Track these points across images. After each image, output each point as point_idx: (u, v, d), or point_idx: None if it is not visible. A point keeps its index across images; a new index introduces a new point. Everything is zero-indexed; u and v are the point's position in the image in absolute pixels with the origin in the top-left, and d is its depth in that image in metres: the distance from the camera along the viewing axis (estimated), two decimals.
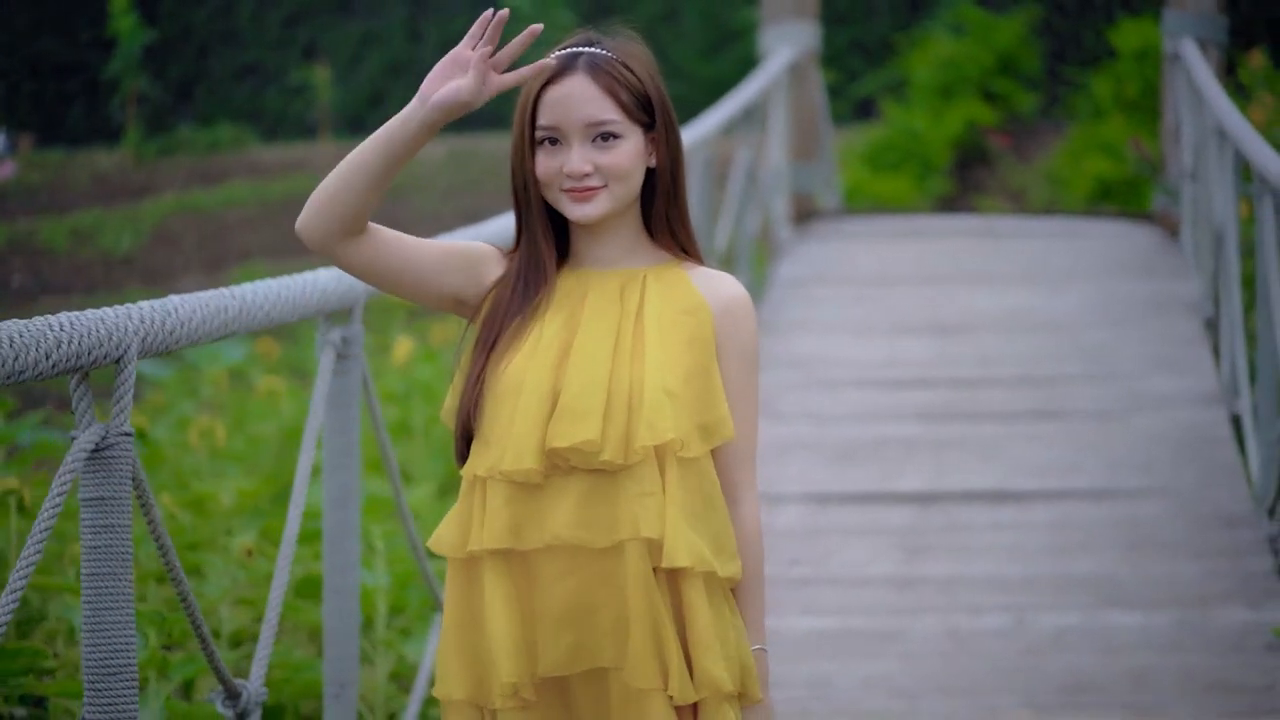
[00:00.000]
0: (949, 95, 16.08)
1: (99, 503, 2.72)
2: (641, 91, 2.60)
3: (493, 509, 2.56)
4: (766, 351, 8.28)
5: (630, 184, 2.60)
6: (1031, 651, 5.00)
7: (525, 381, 2.56)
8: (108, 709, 2.71)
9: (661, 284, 2.62)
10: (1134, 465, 6.55)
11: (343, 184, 2.54)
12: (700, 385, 2.58)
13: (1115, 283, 9.18)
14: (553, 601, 2.55)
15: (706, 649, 2.54)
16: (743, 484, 2.64)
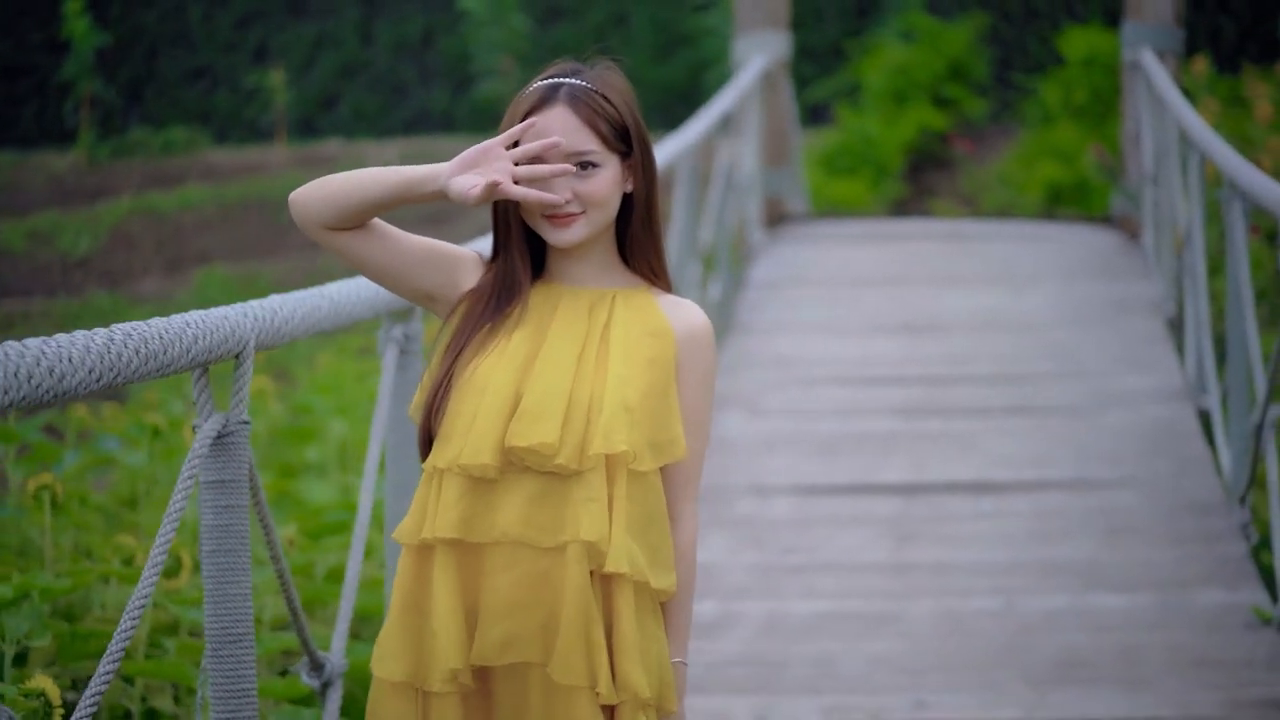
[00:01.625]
0: (901, 100, 16.36)
1: (220, 485, 2.97)
2: (619, 122, 2.70)
3: (447, 501, 2.64)
4: (746, 351, 8.59)
5: (608, 210, 2.70)
6: (1024, 631, 5.30)
7: (490, 383, 2.66)
8: (229, 673, 2.96)
9: (630, 306, 2.73)
10: (1107, 458, 6.87)
11: (347, 195, 2.67)
12: (657, 404, 2.68)
13: (1080, 284, 9.52)
14: (493, 594, 2.63)
15: (628, 655, 2.62)
16: (685, 503, 2.74)
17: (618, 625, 2.63)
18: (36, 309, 15.53)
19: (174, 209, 18.68)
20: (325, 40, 26.20)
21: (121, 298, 15.28)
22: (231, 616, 2.96)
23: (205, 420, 2.93)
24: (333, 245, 2.71)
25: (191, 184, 20.13)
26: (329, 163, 20.20)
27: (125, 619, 2.67)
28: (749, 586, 5.81)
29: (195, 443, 2.89)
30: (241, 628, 2.96)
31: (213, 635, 2.96)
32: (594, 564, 2.61)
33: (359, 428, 7.70)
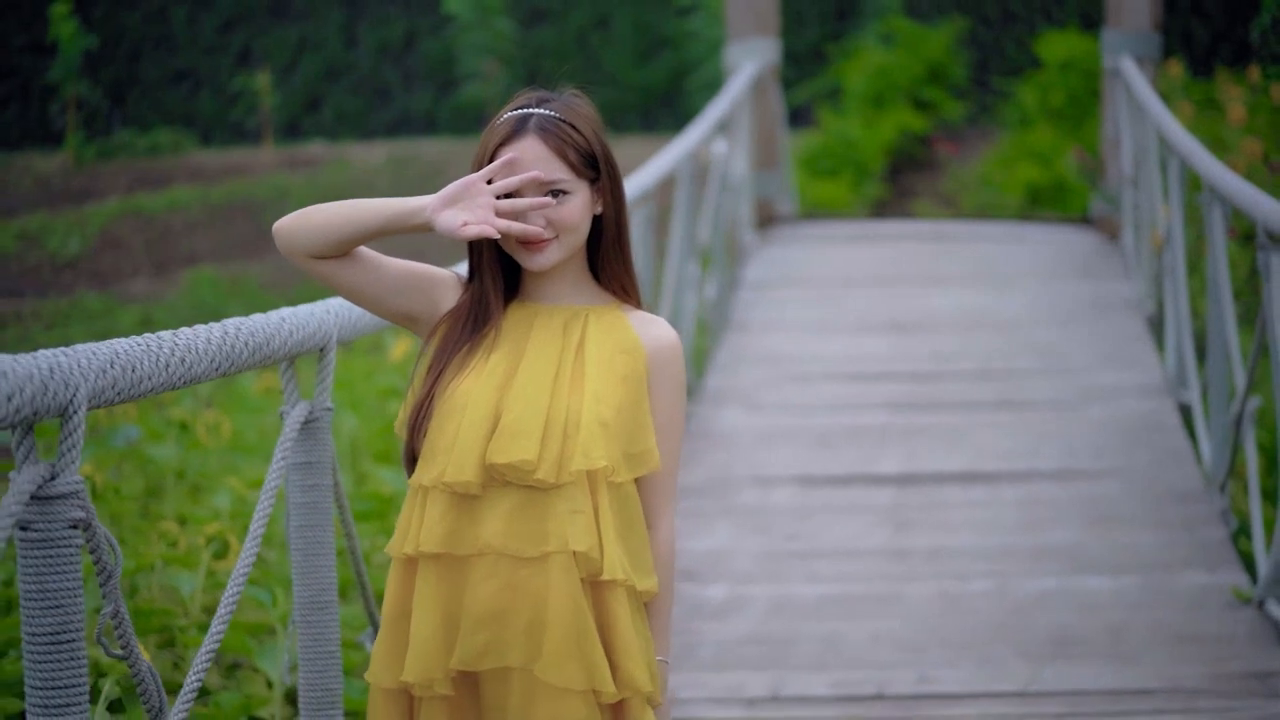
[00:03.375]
0: (881, 103, 16.62)
1: (307, 466, 3.28)
2: (587, 149, 2.79)
3: (433, 516, 2.74)
4: (742, 349, 8.91)
5: (578, 234, 2.80)
6: (1018, 611, 5.61)
7: (470, 401, 2.75)
8: (317, 637, 3.27)
9: (602, 323, 2.83)
10: (1091, 449, 7.20)
11: (333, 227, 2.74)
12: (631, 418, 2.78)
13: (1061, 283, 9.87)
14: (476, 603, 2.72)
15: (628, 653, 2.74)
16: (662, 509, 2.84)
17: (616, 627, 2.73)
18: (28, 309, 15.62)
19: (162, 210, 18.67)
20: (308, 43, 26.34)
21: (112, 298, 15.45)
22: (319, 585, 3.26)
23: (293, 407, 3.23)
24: (316, 271, 2.77)
25: (178, 186, 20.18)
26: (314, 164, 20.42)
27: (227, 595, 2.96)
28: (756, 571, 6.11)
29: (285, 427, 3.19)
30: (327, 596, 3.26)
31: (301, 602, 3.26)
32: (588, 573, 2.72)
33: (368, 423, 7.99)
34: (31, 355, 2.27)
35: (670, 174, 7.90)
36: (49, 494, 2.30)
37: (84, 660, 2.34)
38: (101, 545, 2.41)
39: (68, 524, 2.32)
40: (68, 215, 18.71)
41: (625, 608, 2.74)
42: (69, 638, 2.32)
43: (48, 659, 2.32)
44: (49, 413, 2.29)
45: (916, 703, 4.96)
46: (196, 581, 4.73)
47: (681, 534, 6.48)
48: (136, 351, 2.53)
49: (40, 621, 2.31)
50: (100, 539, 2.39)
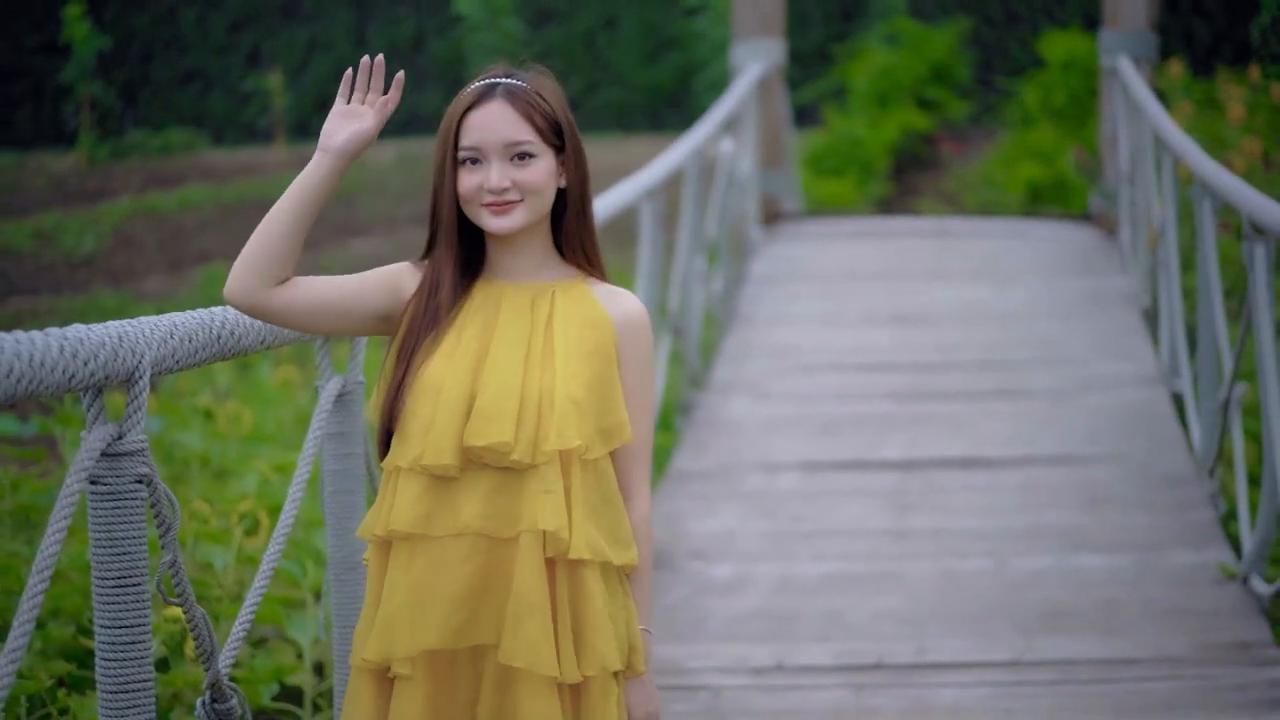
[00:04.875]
0: (885, 103, 16.82)
1: (341, 436, 3.51)
2: (553, 118, 2.80)
3: (408, 498, 2.75)
4: (748, 341, 9.15)
5: (544, 199, 2.80)
6: (1014, 588, 5.84)
7: (445, 383, 2.75)
8: (349, 595, 3.50)
9: (569, 298, 2.83)
10: (1087, 436, 7.43)
11: (261, 244, 2.73)
12: (602, 393, 2.79)
13: (1060, 278, 10.11)
14: (454, 583, 2.73)
15: (598, 630, 2.74)
16: (637, 481, 2.84)
17: (587, 605, 2.74)
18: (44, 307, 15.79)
19: (174, 209, 18.78)
20: (318, 43, 26.54)
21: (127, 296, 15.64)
22: (351, 547, 3.49)
23: (327, 381, 3.46)
24: (279, 313, 2.74)
25: (191, 185, 20.32)
26: None
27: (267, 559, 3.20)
28: (762, 551, 6.34)
29: (320, 400, 3.43)
30: (357, 557, 3.49)
31: (334, 562, 3.50)
32: (556, 551, 2.73)
33: None
34: (103, 325, 2.50)
35: (677, 171, 8.14)
36: (117, 451, 2.53)
37: (148, 602, 2.57)
38: (161, 500, 2.63)
39: (133, 479, 2.54)
40: (82, 214, 18.84)
41: (599, 584, 2.75)
42: (134, 581, 2.55)
43: (115, 601, 2.55)
44: (118, 377, 2.51)
45: (915, 671, 5.19)
46: (229, 556, 4.95)
47: (690, 516, 6.72)
48: (192, 324, 2.76)
49: (109, 567, 2.54)
50: (161, 494, 2.62)
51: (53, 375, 2.31)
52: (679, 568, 6.17)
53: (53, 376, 2.31)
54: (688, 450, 7.62)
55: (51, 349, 2.32)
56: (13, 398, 2.21)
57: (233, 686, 2.95)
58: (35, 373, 2.26)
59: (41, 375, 2.28)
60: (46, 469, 6.90)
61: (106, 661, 2.55)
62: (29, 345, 2.27)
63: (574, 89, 25.07)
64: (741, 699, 5.06)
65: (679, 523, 6.67)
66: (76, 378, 2.38)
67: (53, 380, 2.30)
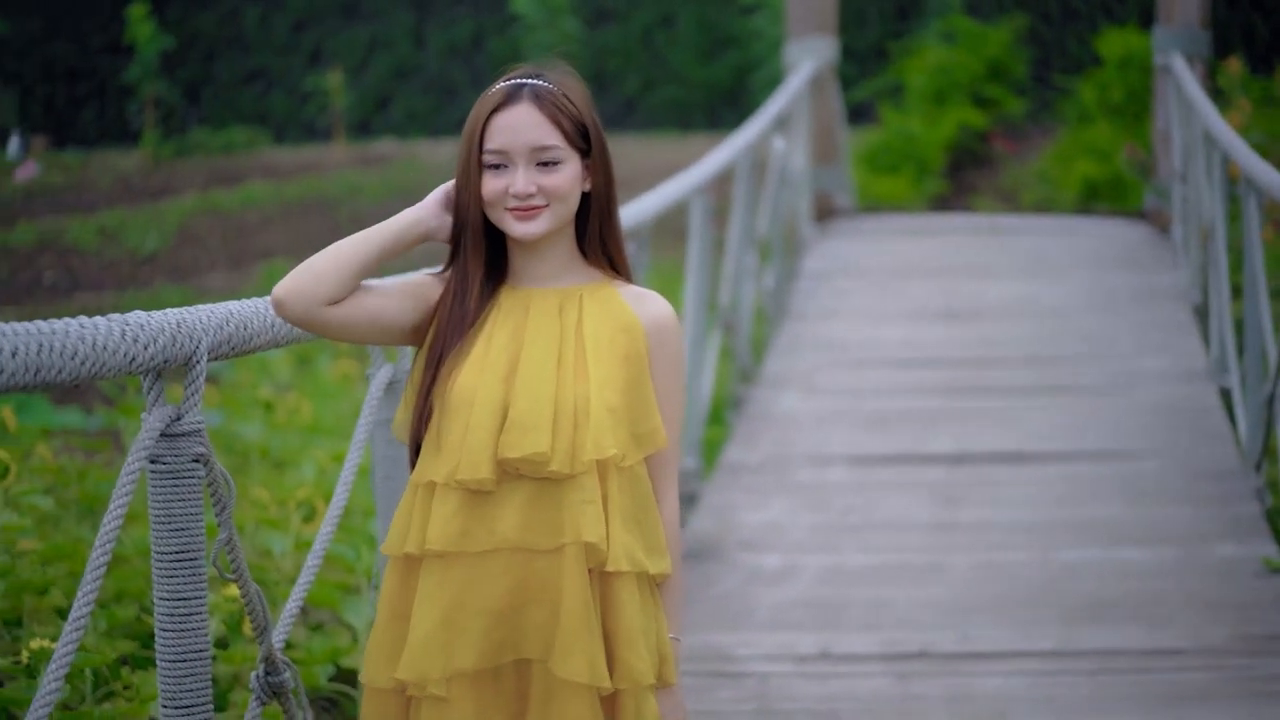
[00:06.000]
0: (942, 100, 16.83)
1: (390, 423, 3.61)
2: (580, 121, 2.74)
3: (444, 514, 2.68)
4: (800, 336, 9.25)
5: (569, 205, 2.74)
6: (1057, 579, 5.92)
7: (477, 395, 2.69)
8: None
9: (596, 302, 2.76)
10: (1134, 431, 7.49)
11: (343, 265, 2.69)
12: (635, 399, 2.73)
13: (1111, 274, 10.16)
14: (491, 600, 2.68)
15: (630, 644, 2.69)
16: (666, 486, 2.79)
17: (621, 617, 2.70)
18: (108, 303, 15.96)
19: (237, 207, 18.93)
20: (379, 43, 26.74)
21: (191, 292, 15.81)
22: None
23: (378, 370, 3.58)
24: (331, 320, 2.71)
25: (253, 182, 20.49)
26: (384, 162, 20.81)
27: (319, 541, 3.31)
28: (810, 543, 6.44)
29: (371, 387, 3.54)
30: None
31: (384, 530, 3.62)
32: (594, 563, 2.68)
33: None
34: (162, 312, 2.62)
35: (729, 167, 8.24)
36: (176, 432, 2.64)
37: (204, 576, 2.69)
38: (218, 479, 2.75)
39: (191, 458, 2.66)
40: (146, 212, 19.01)
41: (634, 597, 2.71)
42: (191, 556, 2.67)
43: (173, 575, 2.67)
44: (176, 361, 2.63)
45: (958, 660, 5.28)
46: (287, 542, 5.09)
47: (740, 508, 6.83)
48: (247, 312, 2.87)
49: (167, 542, 2.66)
50: (217, 473, 2.74)
51: (114, 358, 2.42)
52: (729, 558, 6.28)
53: (114, 359, 2.42)
54: (739, 443, 7.73)
55: (114, 333, 2.43)
56: (76, 379, 2.33)
57: (285, 661, 3.06)
58: (98, 355, 2.38)
59: (104, 358, 2.39)
60: (110, 459, 7.05)
61: (165, 633, 2.67)
62: (92, 330, 2.38)
63: (631, 87, 25.20)
64: (787, 686, 5.15)
65: (730, 514, 6.77)
66: (137, 361, 2.50)
67: (114, 363, 2.42)
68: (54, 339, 2.26)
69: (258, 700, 3.04)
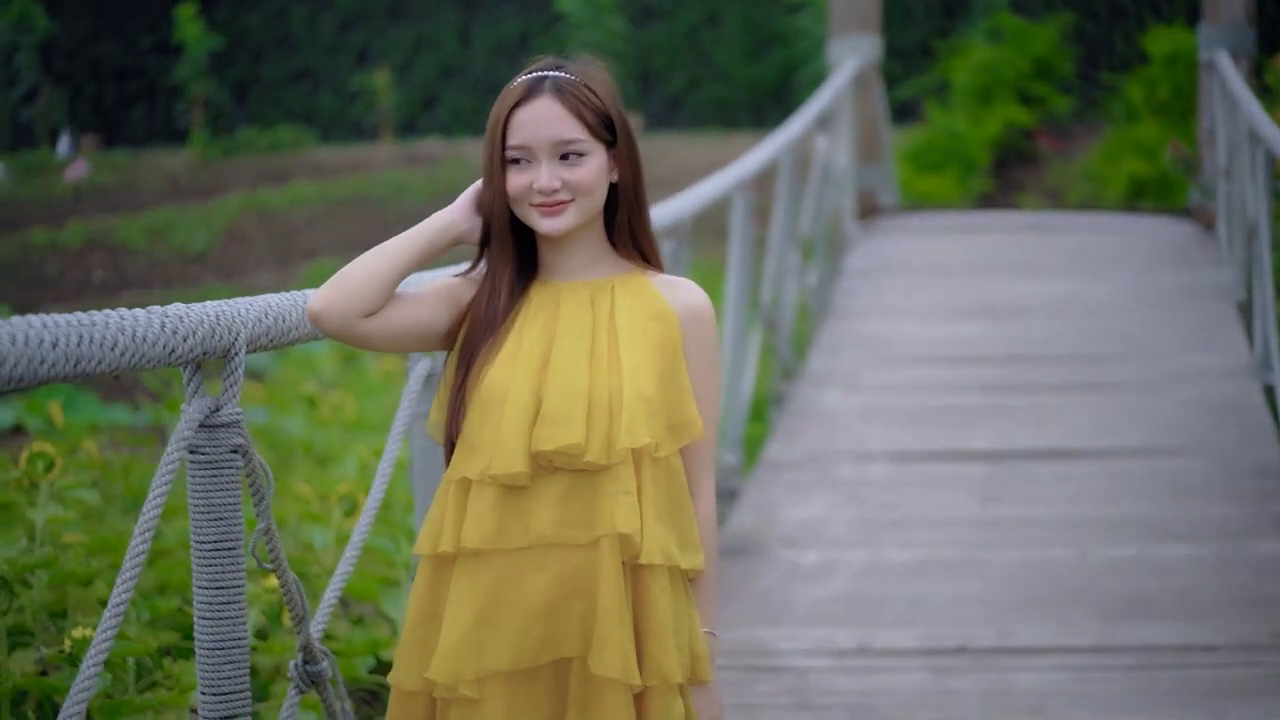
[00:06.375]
0: (987, 98, 16.81)
1: (424, 416, 3.66)
2: (604, 112, 2.69)
3: (479, 511, 2.64)
4: (842, 333, 9.26)
5: (595, 198, 2.70)
6: (1096, 575, 5.92)
7: (509, 390, 2.65)
8: None
9: (628, 292, 2.72)
10: (1175, 428, 7.49)
11: (379, 276, 2.67)
12: (670, 389, 2.68)
13: (1154, 271, 10.15)
14: (528, 597, 2.64)
15: (660, 640, 2.64)
16: (702, 478, 2.74)
17: (652, 612, 2.65)
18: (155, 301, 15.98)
19: (284, 205, 19.00)
20: (425, 42, 26.83)
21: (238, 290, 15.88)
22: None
23: (417, 363, 3.62)
24: (369, 332, 2.69)
25: (299, 181, 20.57)
26: (430, 161, 20.87)
27: (357, 531, 3.35)
28: (850, 538, 6.46)
29: (410, 380, 3.58)
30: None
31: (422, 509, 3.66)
32: (628, 556, 2.64)
33: None
34: (201, 305, 2.66)
35: (771, 164, 8.26)
36: (214, 423, 2.69)
37: (243, 565, 2.73)
38: (256, 469, 2.79)
39: (229, 448, 2.70)
40: (194, 210, 19.11)
41: (666, 591, 2.66)
42: (229, 545, 2.71)
43: (212, 563, 2.71)
44: (215, 353, 2.67)
45: (996, 655, 5.29)
46: (328, 536, 5.14)
47: (781, 504, 6.85)
48: (285, 305, 2.91)
49: (206, 531, 2.70)
50: (255, 464, 2.78)
51: (154, 350, 2.46)
52: (770, 554, 6.30)
53: (154, 351, 2.46)
54: (780, 440, 7.75)
55: (154, 325, 2.48)
56: (116, 369, 2.37)
57: (323, 650, 3.10)
58: (138, 347, 2.41)
59: (144, 349, 2.43)
60: (155, 454, 7.13)
61: (204, 621, 2.72)
62: (132, 321, 2.42)
63: (676, 86, 25.23)
64: (825, 680, 5.17)
65: (771, 510, 6.80)
66: (176, 353, 2.54)
67: (154, 354, 2.46)
68: (94, 330, 2.30)
69: (296, 689, 3.08)
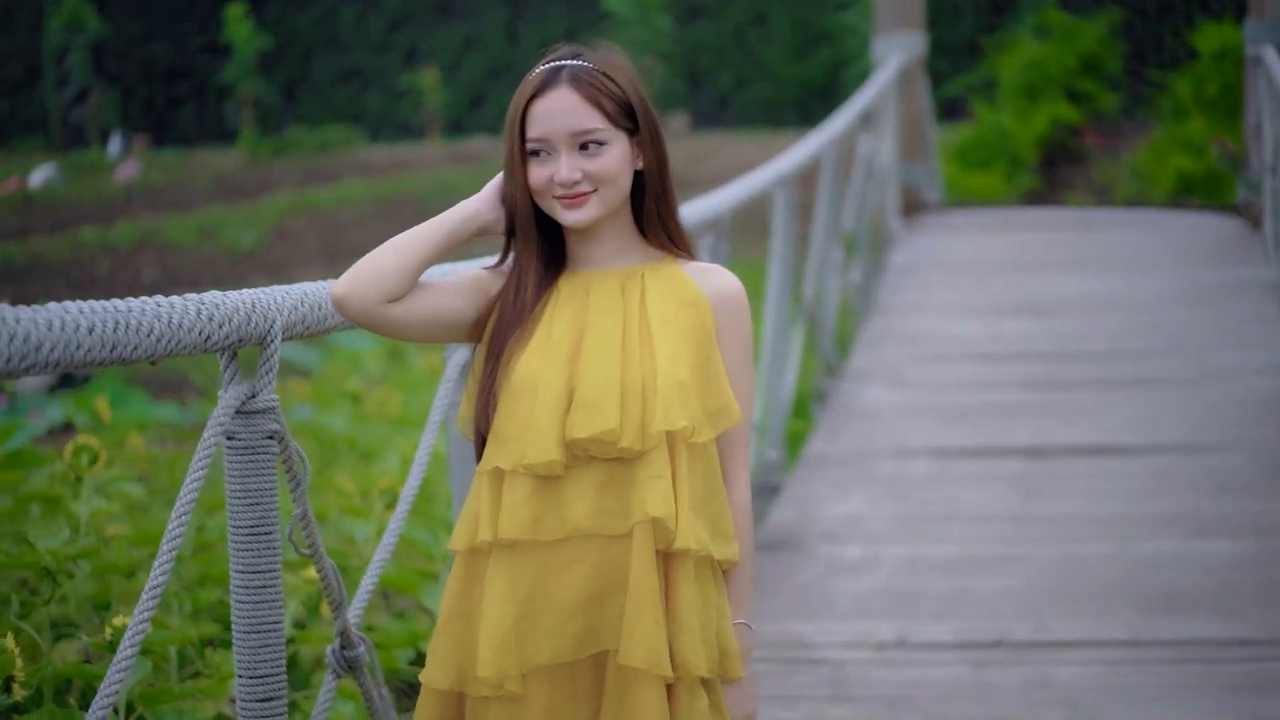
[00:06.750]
0: (1035, 95, 16.79)
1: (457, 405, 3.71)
2: (623, 99, 2.65)
3: (514, 502, 2.61)
4: (885, 329, 9.28)
5: (619, 187, 2.66)
6: (1133, 571, 5.93)
7: (540, 380, 2.62)
8: None
9: (659, 279, 2.69)
10: (1216, 424, 7.48)
11: (402, 262, 2.63)
12: (705, 374, 2.65)
13: (1198, 268, 10.13)
14: (566, 590, 2.60)
15: (685, 630, 2.59)
16: (737, 467, 2.69)
17: (677, 602, 2.60)
18: None
19: (332, 204, 19.09)
20: (473, 41, 26.92)
21: None
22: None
23: (453, 354, 3.66)
24: (393, 318, 2.66)
25: (347, 180, 20.69)
26: (478, 159, 20.96)
27: (394, 519, 3.40)
28: (890, 534, 6.48)
29: (447, 369, 3.63)
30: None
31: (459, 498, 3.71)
32: (662, 543, 2.59)
33: None
34: (237, 292, 2.70)
35: (813, 160, 8.28)
36: (251, 409, 2.73)
37: (278, 550, 2.77)
38: (293, 456, 2.84)
39: (265, 434, 2.75)
40: (243, 209, 19.23)
41: (692, 581, 2.61)
42: (266, 530, 2.76)
43: (248, 548, 2.76)
44: (251, 340, 2.72)
45: (1033, 649, 5.30)
46: (369, 529, 5.19)
47: (822, 500, 6.88)
48: (321, 293, 2.95)
49: (242, 516, 2.75)
50: (291, 450, 2.82)
51: (189, 336, 2.50)
52: (810, 549, 6.33)
53: (189, 337, 2.50)
54: (822, 436, 7.78)
55: (189, 312, 2.52)
56: (152, 355, 2.41)
57: (360, 635, 3.14)
58: (174, 333, 2.45)
59: (179, 336, 2.47)
60: None
61: (240, 605, 2.76)
62: (168, 308, 2.47)
63: (723, 84, 25.25)
64: (862, 672, 5.20)
65: (812, 506, 6.83)
66: (212, 339, 2.58)
67: (189, 341, 2.50)
68: (130, 316, 2.34)
69: (333, 674, 3.12)
